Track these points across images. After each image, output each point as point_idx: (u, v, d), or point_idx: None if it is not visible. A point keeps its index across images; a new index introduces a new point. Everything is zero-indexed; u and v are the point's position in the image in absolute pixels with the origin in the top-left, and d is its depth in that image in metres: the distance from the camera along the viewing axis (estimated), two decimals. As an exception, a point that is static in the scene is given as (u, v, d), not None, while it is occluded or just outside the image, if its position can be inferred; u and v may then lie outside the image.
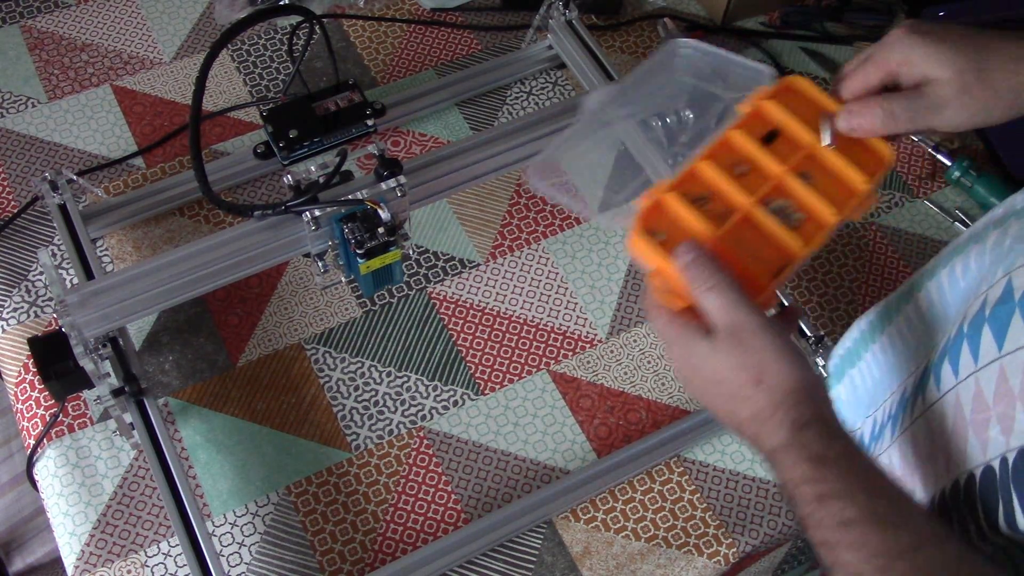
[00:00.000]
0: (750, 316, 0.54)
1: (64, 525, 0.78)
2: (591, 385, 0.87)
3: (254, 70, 1.02)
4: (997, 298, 0.53)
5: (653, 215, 0.61)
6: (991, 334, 0.53)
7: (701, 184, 0.61)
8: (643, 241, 0.59)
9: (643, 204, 0.61)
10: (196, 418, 0.83)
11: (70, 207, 0.85)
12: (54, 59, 1.02)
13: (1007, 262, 0.54)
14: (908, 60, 0.61)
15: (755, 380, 0.53)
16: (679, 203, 0.60)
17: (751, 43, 1.08)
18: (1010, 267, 0.53)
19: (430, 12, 1.08)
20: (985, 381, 0.53)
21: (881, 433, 0.69)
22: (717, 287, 0.54)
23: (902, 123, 0.60)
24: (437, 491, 0.81)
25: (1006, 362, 0.51)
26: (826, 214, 0.60)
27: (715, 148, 0.63)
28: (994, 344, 0.52)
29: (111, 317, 0.71)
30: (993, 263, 0.56)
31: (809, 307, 0.92)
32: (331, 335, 0.87)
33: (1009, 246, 0.55)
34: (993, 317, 0.53)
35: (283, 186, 0.89)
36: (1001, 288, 0.52)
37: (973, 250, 0.59)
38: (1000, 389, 0.51)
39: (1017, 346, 0.50)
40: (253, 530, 0.78)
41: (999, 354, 0.52)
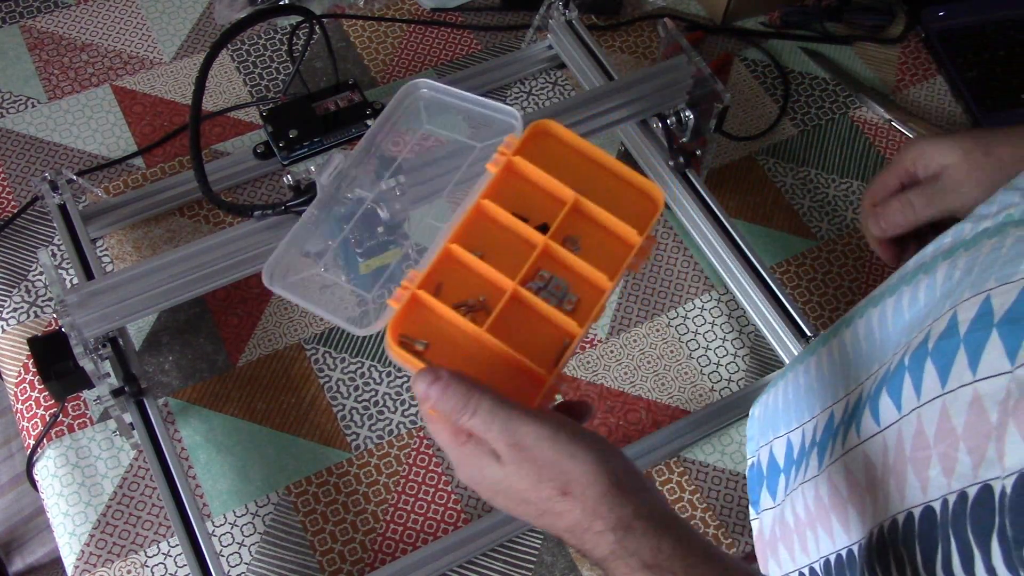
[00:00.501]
0: (529, 427, 0.49)
1: (64, 525, 0.78)
2: (591, 385, 0.87)
3: (254, 70, 1.02)
4: (941, 332, 0.51)
5: (410, 315, 0.55)
6: (934, 369, 0.51)
7: (456, 269, 0.56)
8: (403, 354, 0.53)
9: (394, 307, 0.54)
10: (196, 418, 0.83)
11: (70, 207, 0.85)
12: (54, 59, 1.02)
13: (954, 297, 0.52)
14: (921, 155, 0.67)
15: (561, 492, 0.49)
16: (434, 300, 0.55)
17: (751, 43, 1.08)
18: (956, 301, 0.51)
19: (430, 12, 1.08)
20: (927, 419, 0.51)
21: (802, 459, 0.68)
22: (479, 410, 0.50)
23: (920, 210, 0.66)
24: (437, 491, 0.81)
25: (948, 400, 0.49)
26: (600, 280, 0.56)
27: (467, 223, 0.57)
28: (937, 380, 0.50)
29: (111, 317, 0.71)
30: (943, 297, 0.54)
31: (809, 307, 0.92)
32: (331, 335, 0.87)
33: (958, 279, 0.54)
34: (936, 352, 0.51)
35: (283, 186, 0.89)
36: (946, 321, 0.51)
37: (923, 282, 0.57)
38: (942, 428, 0.49)
39: (960, 383, 0.48)
40: (253, 530, 0.79)
41: (942, 391, 0.50)
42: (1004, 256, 0.50)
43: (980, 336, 0.48)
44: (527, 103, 1.02)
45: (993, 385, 0.46)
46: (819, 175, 1.00)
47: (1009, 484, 0.44)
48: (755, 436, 0.77)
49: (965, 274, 0.53)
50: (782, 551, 0.70)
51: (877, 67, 1.08)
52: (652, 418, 0.85)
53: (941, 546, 0.49)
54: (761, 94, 1.05)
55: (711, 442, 0.84)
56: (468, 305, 0.55)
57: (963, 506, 0.47)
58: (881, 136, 1.03)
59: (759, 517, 0.75)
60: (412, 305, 0.55)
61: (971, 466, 0.47)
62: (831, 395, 0.65)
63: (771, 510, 0.72)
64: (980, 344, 0.47)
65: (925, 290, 0.57)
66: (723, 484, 0.83)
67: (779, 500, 0.71)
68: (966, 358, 0.48)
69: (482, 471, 0.51)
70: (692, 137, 0.89)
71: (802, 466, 0.67)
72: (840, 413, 0.63)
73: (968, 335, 0.49)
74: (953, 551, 0.48)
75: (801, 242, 0.96)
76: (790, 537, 0.68)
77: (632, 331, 0.89)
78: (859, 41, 1.10)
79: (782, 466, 0.71)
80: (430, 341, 0.55)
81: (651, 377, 0.87)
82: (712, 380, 0.88)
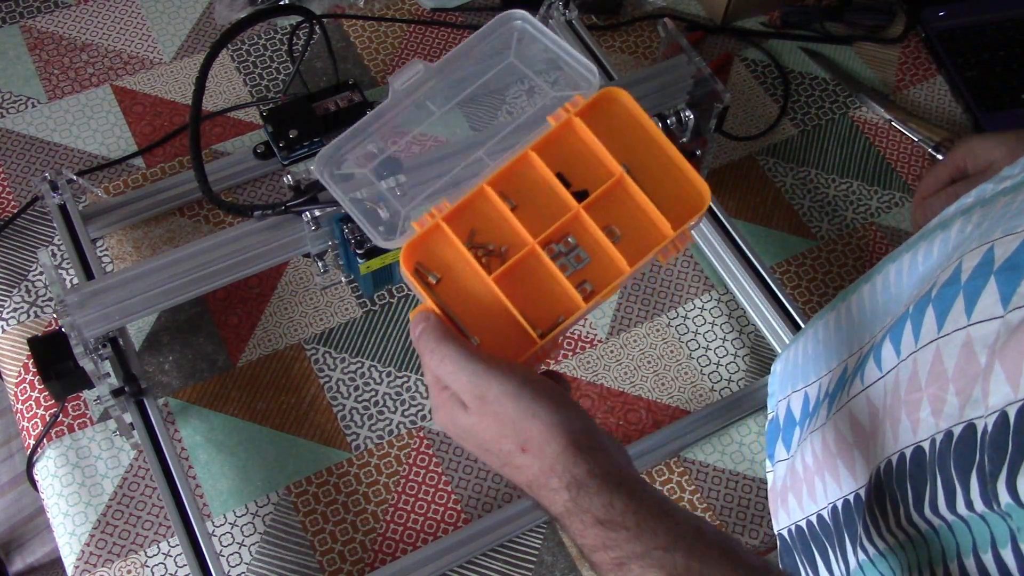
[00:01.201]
0: (493, 381, 0.51)
1: (64, 525, 0.78)
2: (591, 385, 0.87)
3: (254, 70, 1.02)
4: (945, 280, 0.52)
5: (429, 243, 0.56)
6: (934, 315, 0.52)
7: (485, 211, 0.56)
8: (414, 280, 0.55)
9: (416, 229, 0.56)
10: (196, 418, 0.83)
11: (70, 207, 0.85)
12: (54, 59, 1.02)
13: (962, 249, 0.54)
14: (970, 151, 0.72)
15: (519, 447, 0.51)
16: (454, 235, 0.55)
17: (751, 43, 1.08)
18: (964, 251, 0.52)
19: (430, 12, 1.08)
20: (921, 362, 0.52)
21: (815, 411, 0.69)
22: (446, 359, 0.52)
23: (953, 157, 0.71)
24: (437, 491, 0.81)
25: (942, 344, 0.50)
26: (620, 264, 0.55)
27: (509, 169, 0.57)
28: (935, 324, 0.52)
29: (111, 317, 0.71)
30: (953, 250, 0.56)
31: (809, 307, 0.92)
32: (331, 335, 0.87)
33: (969, 232, 0.55)
34: (938, 298, 0.52)
35: (283, 186, 0.89)
36: (951, 271, 0.52)
37: (938, 237, 0.59)
38: (934, 370, 0.51)
39: (955, 327, 0.49)
40: (253, 530, 0.79)
41: (937, 335, 0.51)
42: (1014, 210, 0.51)
43: (978, 283, 0.49)
44: (527, 103, 1.02)
45: (985, 329, 0.47)
46: (819, 175, 1.00)
47: (991, 422, 0.45)
48: (775, 391, 0.79)
49: (976, 227, 0.54)
50: (791, 500, 0.71)
51: (877, 67, 1.08)
52: (652, 418, 0.85)
53: (929, 485, 0.50)
54: (761, 94, 1.05)
55: (711, 442, 0.84)
56: (487, 249, 0.55)
57: (948, 445, 0.49)
58: (881, 136, 1.03)
59: (773, 469, 0.77)
60: (433, 234, 0.56)
61: (958, 407, 0.48)
62: (846, 349, 0.67)
63: (784, 461, 0.74)
64: (978, 290, 0.49)
65: (939, 244, 0.59)
66: (723, 484, 0.83)
67: (792, 451, 0.73)
68: (963, 303, 0.50)
69: (453, 417, 0.53)
70: (692, 137, 0.89)
71: (815, 416, 0.69)
72: (853, 365, 0.64)
73: (968, 282, 0.50)
74: (939, 488, 0.49)
75: (801, 242, 0.96)
76: (799, 486, 0.70)
77: (632, 331, 0.89)
78: (859, 41, 1.10)
79: (798, 419, 0.73)
80: (443, 276, 0.55)
81: (651, 377, 0.87)
82: (712, 380, 0.88)
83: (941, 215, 0.62)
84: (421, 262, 0.56)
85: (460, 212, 0.56)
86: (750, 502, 0.82)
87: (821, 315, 0.73)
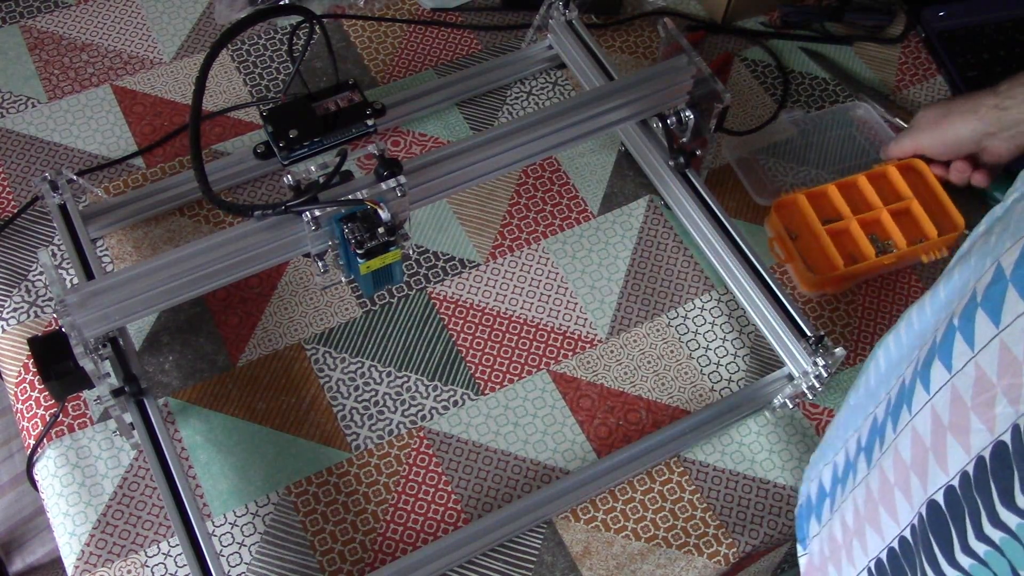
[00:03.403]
0: None
1: (64, 525, 0.78)
2: (591, 385, 0.87)
3: (254, 70, 1.02)
4: (988, 283, 0.52)
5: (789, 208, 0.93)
6: (986, 315, 0.52)
7: (827, 199, 0.93)
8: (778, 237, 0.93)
9: (783, 198, 0.92)
10: (196, 418, 0.83)
11: (70, 207, 0.85)
12: (54, 59, 1.02)
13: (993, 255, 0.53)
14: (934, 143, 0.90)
15: None
16: (807, 204, 0.92)
17: (751, 43, 1.08)
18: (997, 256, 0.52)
19: (430, 12, 1.08)
20: (986, 361, 0.51)
21: (847, 473, 0.67)
22: None
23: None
24: (437, 491, 0.81)
25: (1005, 335, 0.50)
26: (902, 243, 0.90)
27: (844, 182, 0.94)
28: (990, 323, 0.51)
29: (111, 317, 0.71)
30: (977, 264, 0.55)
31: (809, 307, 0.92)
32: (331, 335, 0.87)
33: (994, 243, 0.55)
34: (986, 299, 0.52)
35: (283, 186, 0.89)
36: (991, 274, 0.52)
37: (955, 269, 0.59)
38: (1004, 361, 0.50)
39: (1016, 315, 0.49)
40: (253, 530, 0.79)
41: (997, 330, 0.50)
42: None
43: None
44: (527, 103, 1.02)
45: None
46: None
47: None
48: (806, 479, 0.78)
49: (1000, 236, 0.54)
50: (831, 569, 0.69)
51: (877, 67, 1.08)
52: (652, 418, 0.85)
53: (1018, 473, 0.48)
54: (761, 94, 1.05)
55: (711, 442, 0.84)
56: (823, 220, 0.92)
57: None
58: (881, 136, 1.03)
59: (807, 552, 0.75)
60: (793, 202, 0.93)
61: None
62: (872, 402, 0.66)
63: (818, 536, 0.72)
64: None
65: (959, 272, 0.58)
66: (723, 484, 0.83)
67: (825, 520, 0.71)
68: (1016, 294, 0.49)
69: None
70: (692, 137, 0.89)
71: (849, 477, 0.67)
72: (883, 411, 0.63)
73: (1015, 273, 0.49)
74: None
75: (801, 242, 0.96)
76: (838, 553, 0.68)
77: (632, 331, 0.89)
78: (859, 41, 1.10)
79: (828, 490, 0.71)
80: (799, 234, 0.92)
81: (651, 377, 0.87)
82: (712, 380, 0.88)
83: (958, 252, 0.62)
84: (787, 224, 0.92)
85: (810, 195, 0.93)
86: (750, 502, 0.82)
87: (856, 376, 0.73)
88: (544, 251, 0.93)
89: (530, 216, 0.95)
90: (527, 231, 0.94)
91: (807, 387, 0.82)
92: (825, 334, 0.83)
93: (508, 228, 0.94)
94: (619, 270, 0.93)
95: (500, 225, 0.94)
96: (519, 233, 0.94)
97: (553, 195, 0.96)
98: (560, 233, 0.94)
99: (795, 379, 0.83)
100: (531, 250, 0.93)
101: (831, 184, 0.93)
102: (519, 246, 0.93)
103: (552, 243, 0.94)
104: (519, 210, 0.95)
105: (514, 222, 0.95)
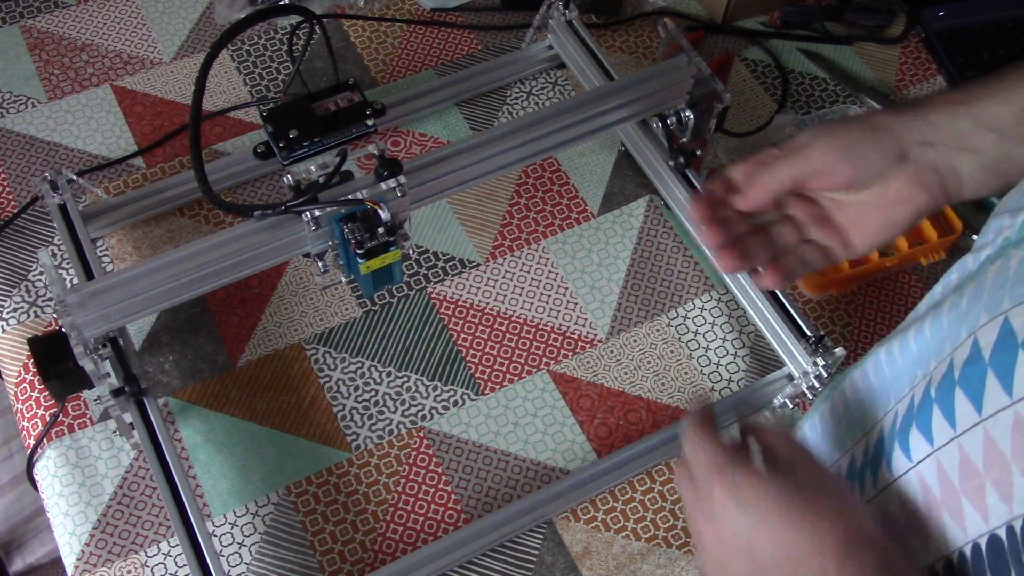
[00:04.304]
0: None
1: (64, 525, 0.78)
2: (591, 385, 0.87)
3: (254, 70, 1.02)
4: (965, 359, 0.51)
5: None
6: (966, 397, 0.50)
7: None
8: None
9: None
10: (196, 418, 0.83)
11: (70, 207, 0.85)
12: (54, 59, 1.02)
13: (968, 323, 0.52)
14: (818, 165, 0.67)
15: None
16: None
17: (751, 43, 1.08)
18: (973, 327, 0.51)
19: (430, 12, 1.08)
20: (970, 447, 0.50)
21: None
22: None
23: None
24: (437, 491, 0.81)
25: (989, 425, 0.49)
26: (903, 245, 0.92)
27: None
28: (971, 408, 0.50)
29: (111, 317, 0.71)
30: (952, 326, 0.54)
31: (809, 307, 0.92)
32: (331, 335, 0.87)
33: (967, 307, 0.53)
34: (964, 379, 0.51)
35: (283, 186, 0.89)
36: (968, 349, 0.50)
37: (928, 317, 0.57)
38: (990, 454, 0.49)
39: (998, 408, 0.48)
40: (253, 530, 0.79)
41: (980, 418, 0.49)
42: (1013, 277, 0.50)
43: (1007, 358, 0.48)
44: (527, 103, 1.02)
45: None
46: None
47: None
48: None
49: (974, 301, 0.53)
50: None
51: (877, 67, 1.08)
52: (652, 418, 0.85)
53: (1015, 571, 0.48)
54: (761, 94, 1.05)
55: (711, 442, 0.84)
56: None
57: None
58: (881, 136, 1.03)
59: None
60: None
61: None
62: (850, 437, 0.65)
63: None
64: (1008, 366, 0.47)
65: (931, 322, 0.57)
66: (723, 484, 0.83)
67: None
68: (997, 382, 0.48)
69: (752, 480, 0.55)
70: (692, 137, 0.89)
71: None
72: (861, 455, 0.62)
73: (993, 358, 0.49)
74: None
75: (801, 242, 0.96)
76: None
77: (632, 331, 0.89)
78: (859, 41, 1.10)
79: None
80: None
81: (651, 377, 0.87)
82: (712, 380, 0.88)
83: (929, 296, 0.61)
84: None
85: None
86: (750, 502, 0.82)
87: (816, 407, 0.72)
88: (544, 251, 0.93)
89: (530, 216, 0.95)
90: (527, 231, 0.94)
91: (807, 387, 0.82)
92: (825, 334, 0.83)
93: (508, 228, 0.94)
94: (619, 270, 0.93)
95: (500, 225, 0.94)
96: (519, 233, 0.94)
97: (553, 195, 0.96)
98: (560, 233, 0.94)
99: (795, 379, 0.83)
100: (531, 250, 0.93)
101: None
102: (519, 246, 0.93)
103: (552, 243, 0.94)
104: (519, 210, 0.95)
105: (514, 222, 0.95)
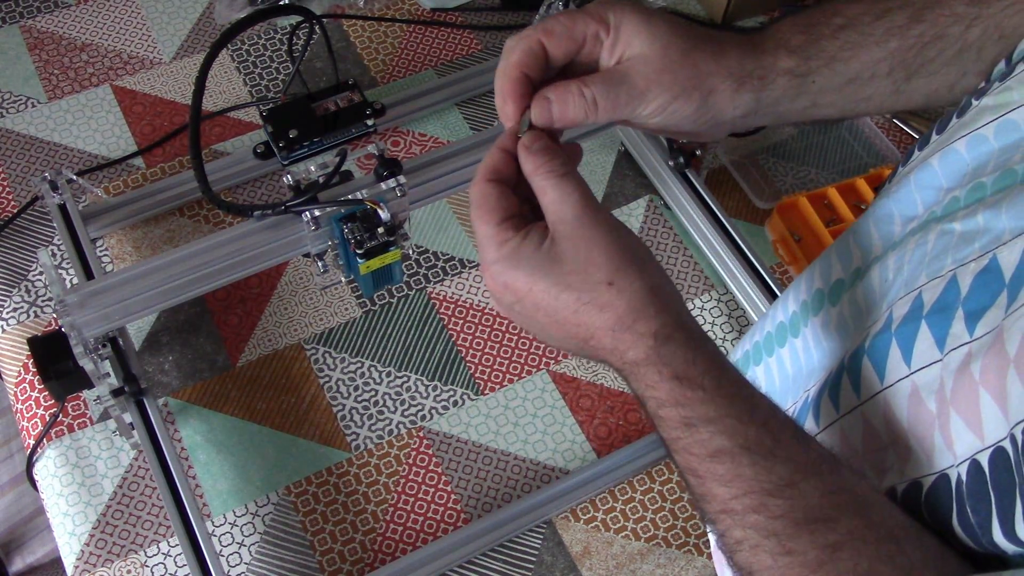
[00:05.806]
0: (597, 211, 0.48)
1: (64, 525, 0.78)
2: (591, 385, 0.87)
3: (254, 70, 1.02)
4: (877, 331, 0.51)
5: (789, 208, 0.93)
6: (871, 366, 0.51)
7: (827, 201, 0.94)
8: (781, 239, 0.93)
9: (785, 201, 0.92)
10: (196, 418, 0.83)
11: (70, 207, 0.85)
12: (54, 59, 1.02)
13: (889, 297, 0.52)
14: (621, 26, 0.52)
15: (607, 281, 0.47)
16: (808, 206, 0.92)
17: (751, 43, 1.08)
18: (892, 300, 0.51)
19: (430, 12, 1.08)
20: (873, 415, 0.51)
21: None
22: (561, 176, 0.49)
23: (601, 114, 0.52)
24: (437, 491, 0.81)
25: (889, 395, 0.49)
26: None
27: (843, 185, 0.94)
28: (875, 376, 0.50)
29: (111, 317, 0.71)
30: (880, 296, 0.54)
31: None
32: (331, 335, 0.87)
33: (892, 280, 0.53)
34: (871, 349, 0.51)
35: (283, 186, 0.89)
36: (883, 321, 0.51)
37: (860, 284, 0.57)
38: (890, 423, 0.49)
39: (898, 377, 0.48)
40: (253, 530, 0.79)
41: (881, 386, 0.50)
42: (930, 253, 0.50)
43: (910, 328, 0.48)
44: (527, 103, 1.02)
45: (927, 375, 0.46)
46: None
47: (964, 471, 0.44)
48: None
49: (896, 273, 0.52)
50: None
51: (877, 67, 1.08)
52: (652, 418, 0.85)
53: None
54: (761, 94, 1.05)
55: (711, 442, 0.84)
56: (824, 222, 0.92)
57: (918, 494, 0.47)
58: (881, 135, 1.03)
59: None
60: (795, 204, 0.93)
61: (925, 457, 0.47)
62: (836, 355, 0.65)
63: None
64: (911, 336, 0.48)
65: (863, 289, 0.56)
66: (723, 484, 0.83)
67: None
68: (899, 352, 0.48)
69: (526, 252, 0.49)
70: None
71: None
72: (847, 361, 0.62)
73: (899, 329, 0.49)
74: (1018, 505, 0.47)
75: (801, 242, 0.96)
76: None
77: (632, 331, 0.89)
78: (859, 41, 1.10)
79: None
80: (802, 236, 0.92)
81: (651, 377, 0.87)
82: (712, 380, 0.87)
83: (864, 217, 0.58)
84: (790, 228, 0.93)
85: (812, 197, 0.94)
86: (750, 502, 0.82)
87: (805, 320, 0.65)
88: (544, 251, 0.93)
89: (530, 216, 0.95)
90: (527, 231, 0.94)
91: (807, 387, 0.82)
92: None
93: (508, 228, 0.94)
94: (619, 270, 0.92)
95: (500, 225, 0.94)
96: (519, 233, 0.94)
97: (553, 195, 0.96)
98: (560, 233, 0.94)
99: (795, 379, 0.83)
100: (531, 250, 0.93)
101: (831, 187, 0.93)
102: (519, 246, 0.93)
103: (552, 243, 0.93)
104: (519, 210, 0.95)
105: (514, 222, 0.94)
